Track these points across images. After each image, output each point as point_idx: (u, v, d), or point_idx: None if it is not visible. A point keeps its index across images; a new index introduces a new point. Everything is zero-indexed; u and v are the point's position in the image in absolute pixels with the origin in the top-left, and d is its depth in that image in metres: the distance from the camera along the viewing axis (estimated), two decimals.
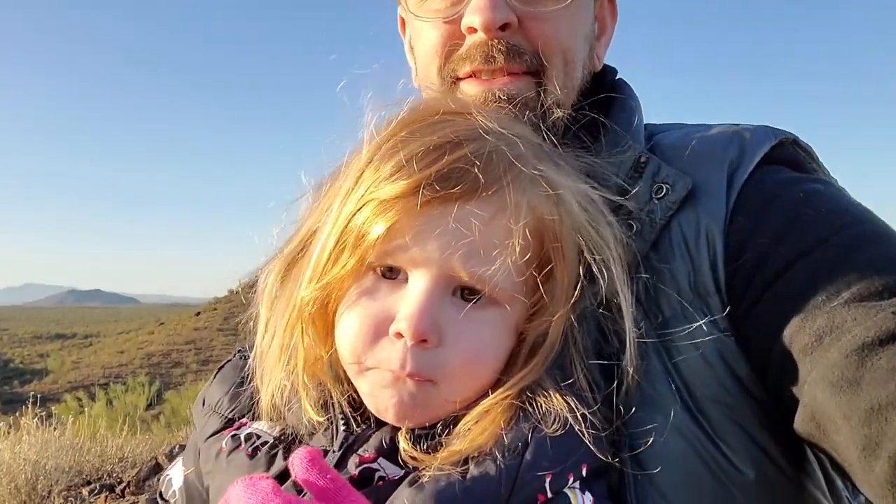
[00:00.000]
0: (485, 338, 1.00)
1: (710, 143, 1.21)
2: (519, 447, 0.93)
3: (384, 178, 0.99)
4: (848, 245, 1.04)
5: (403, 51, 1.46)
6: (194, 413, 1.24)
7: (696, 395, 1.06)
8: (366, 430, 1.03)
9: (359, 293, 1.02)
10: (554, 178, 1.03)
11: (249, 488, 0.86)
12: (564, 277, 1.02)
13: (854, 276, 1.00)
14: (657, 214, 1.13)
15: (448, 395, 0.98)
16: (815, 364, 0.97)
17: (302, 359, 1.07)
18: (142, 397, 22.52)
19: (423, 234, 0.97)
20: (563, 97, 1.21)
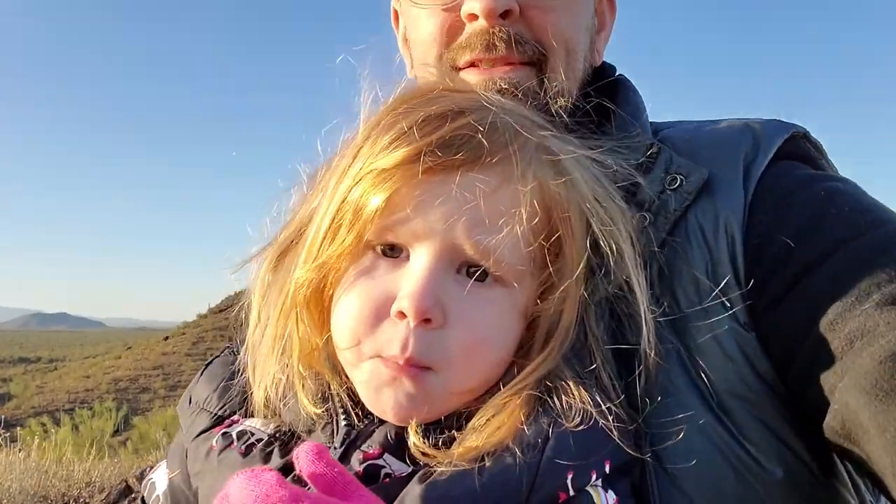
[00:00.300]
0: (491, 318, 0.94)
1: (722, 136, 1.18)
2: (539, 442, 0.87)
3: (382, 148, 0.94)
4: (874, 246, 1.00)
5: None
6: (180, 412, 1.16)
7: (717, 389, 1.01)
8: (368, 425, 0.96)
9: (357, 273, 0.96)
10: (560, 150, 0.99)
11: (252, 480, 0.79)
12: (574, 253, 0.97)
13: (884, 278, 0.96)
14: (671, 205, 1.09)
15: (449, 384, 0.92)
16: (846, 369, 0.93)
17: (297, 349, 1.01)
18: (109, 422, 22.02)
19: (425, 203, 0.91)
20: (565, 87, 1.17)
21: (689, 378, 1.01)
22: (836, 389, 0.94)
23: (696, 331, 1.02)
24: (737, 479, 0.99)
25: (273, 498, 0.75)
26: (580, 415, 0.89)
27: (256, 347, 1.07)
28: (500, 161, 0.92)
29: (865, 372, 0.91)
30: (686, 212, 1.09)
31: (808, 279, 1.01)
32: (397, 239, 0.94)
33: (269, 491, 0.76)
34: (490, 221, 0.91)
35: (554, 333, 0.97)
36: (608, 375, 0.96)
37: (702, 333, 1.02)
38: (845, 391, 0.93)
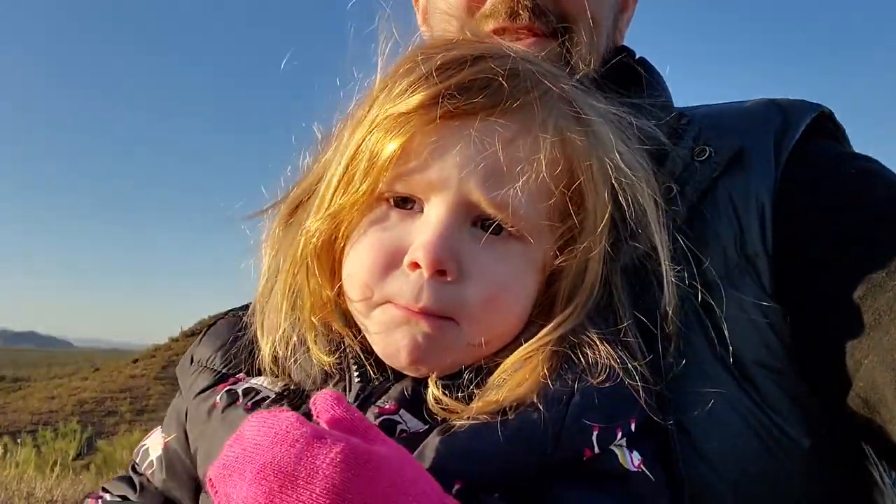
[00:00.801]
0: (508, 272, 0.91)
1: (751, 112, 1.18)
2: (564, 397, 0.84)
3: (399, 93, 0.91)
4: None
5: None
6: (179, 373, 1.11)
7: (742, 359, 0.99)
8: (383, 382, 0.93)
9: (369, 224, 0.93)
10: (583, 101, 0.97)
11: (269, 419, 0.74)
12: (595, 206, 0.93)
13: None
14: (700, 175, 1.08)
15: (469, 337, 0.89)
16: (872, 345, 0.92)
17: (308, 302, 0.97)
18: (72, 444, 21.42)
19: (442, 149, 0.88)
20: (588, 57, 1.16)
21: (713, 348, 0.99)
22: (862, 365, 0.93)
23: (723, 300, 1.01)
24: (763, 450, 0.97)
25: (294, 434, 0.71)
26: (606, 372, 0.86)
27: (265, 305, 1.03)
28: (521, 107, 0.90)
29: (891, 348, 0.90)
30: (715, 182, 1.08)
31: (838, 254, 1.00)
32: (411, 189, 0.91)
33: (290, 427, 0.72)
34: (508, 170, 0.88)
35: (578, 290, 0.94)
36: (634, 336, 0.93)
37: (728, 303, 1.00)
38: (871, 367, 0.92)
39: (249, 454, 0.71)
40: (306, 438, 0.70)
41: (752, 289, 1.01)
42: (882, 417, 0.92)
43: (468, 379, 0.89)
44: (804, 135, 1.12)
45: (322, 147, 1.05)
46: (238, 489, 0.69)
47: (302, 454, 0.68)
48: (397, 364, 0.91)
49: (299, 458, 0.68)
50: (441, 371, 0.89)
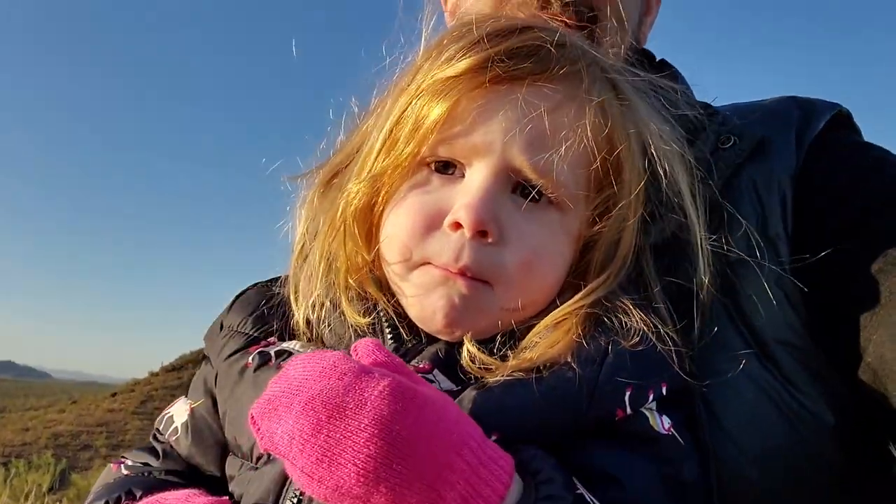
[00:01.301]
0: (545, 239, 0.93)
1: (772, 108, 1.23)
2: (597, 357, 0.86)
3: (447, 59, 0.94)
4: None
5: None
6: (207, 341, 1.12)
7: (764, 338, 1.01)
8: (416, 344, 0.94)
9: (410, 187, 0.95)
10: (623, 75, 1.00)
11: (315, 357, 0.75)
12: (632, 177, 0.96)
13: None
14: (725, 161, 1.11)
15: (503, 301, 0.90)
16: (881, 322, 0.95)
17: (344, 266, 0.99)
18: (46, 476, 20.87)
19: (488, 113, 0.90)
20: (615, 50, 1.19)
21: (735, 324, 1.02)
22: (871, 342, 0.96)
23: (745, 279, 1.03)
24: (786, 425, 0.98)
25: (342, 367, 0.72)
26: (638, 335, 0.88)
27: (299, 269, 1.05)
28: (567, 75, 0.93)
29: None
30: (739, 169, 1.11)
31: (852, 232, 1.04)
32: (455, 154, 0.93)
33: (337, 362, 0.73)
34: (552, 135, 0.90)
35: (611, 260, 0.97)
36: (665, 306, 0.95)
37: (750, 282, 1.03)
38: (880, 342, 0.94)
39: (296, 387, 0.72)
40: (354, 371, 0.71)
41: (773, 269, 1.04)
42: (890, 392, 0.94)
43: (502, 341, 0.90)
44: (824, 128, 1.17)
45: (361, 119, 1.08)
46: (283, 422, 0.70)
47: (350, 386, 0.69)
48: (432, 327, 0.92)
49: (347, 390, 0.69)
50: (475, 334, 0.91)
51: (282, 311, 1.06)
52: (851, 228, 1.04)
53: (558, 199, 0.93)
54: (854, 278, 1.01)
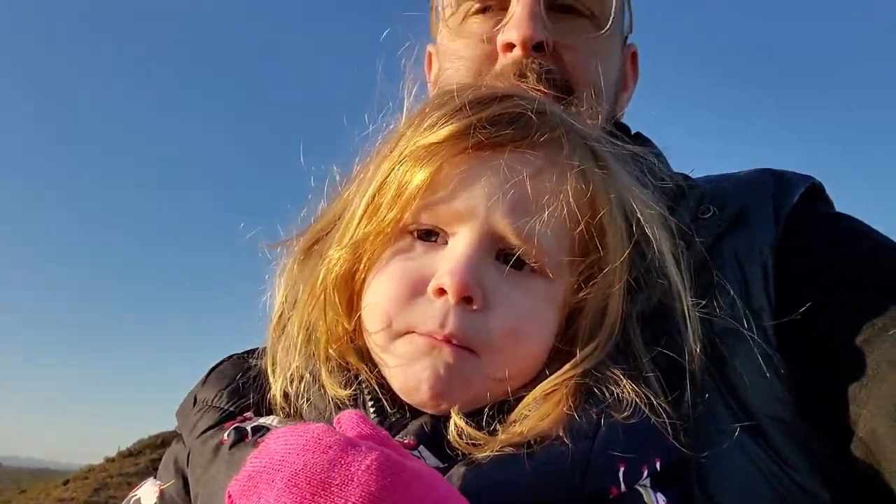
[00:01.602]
0: (530, 306, 0.91)
1: (748, 179, 1.24)
2: (590, 431, 0.83)
3: (430, 126, 0.94)
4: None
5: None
6: (179, 416, 1.07)
7: (753, 411, 0.99)
8: (400, 418, 0.90)
9: (393, 254, 0.93)
10: (602, 142, 1.01)
11: (297, 430, 0.71)
12: (616, 243, 0.95)
13: None
14: (705, 232, 1.11)
15: (490, 371, 0.88)
16: (870, 395, 0.94)
17: (324, 336, 0.96)
18: None
19: (470, 179, 0.90)
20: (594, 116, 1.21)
21: (724, 399, 1.00)
22: (861, 416, 0.94)
23: (731, 351, 1.02)
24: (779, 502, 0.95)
25: (327, 441, 0.68)
26: (631, 407, 0.85)
27: (277, 341, 1.02)
28: (548, 142, 0.93)
29: (888, 396, 0.92)
30: (720, 238, 1.11)
31: (836, 306, 1.03)
32: (438, 220, 0.92)
33: (322, 435, 0.69)
34: (535, 201, 0.90)
35: (599, 328, 0.95)
36: (655, 376, 0.94)
37: (737, 353, 1.02)
38: (870, 418, 0.93)
39: (277, 462, 0.68)
40: (340, 445, 0.68)
41: (759, 341, 1.02)
42: (883, 468, 0.92)
43: (490, 414, 0.87)
44: (799, 199, 1.18)
45: (342, 186, 1.07)
46: (264, 500, 0.66)
47: (336, 461, 0.66)
48: (417, 399, 0.89)
49: (333, 465, 0.66)
50: (462, 407, 0.87)
51: (259, 385, 1.02)
52: (833, 300, 1.04)
53: (542, 266, 0.91)
54: (840, 351, 1.00)
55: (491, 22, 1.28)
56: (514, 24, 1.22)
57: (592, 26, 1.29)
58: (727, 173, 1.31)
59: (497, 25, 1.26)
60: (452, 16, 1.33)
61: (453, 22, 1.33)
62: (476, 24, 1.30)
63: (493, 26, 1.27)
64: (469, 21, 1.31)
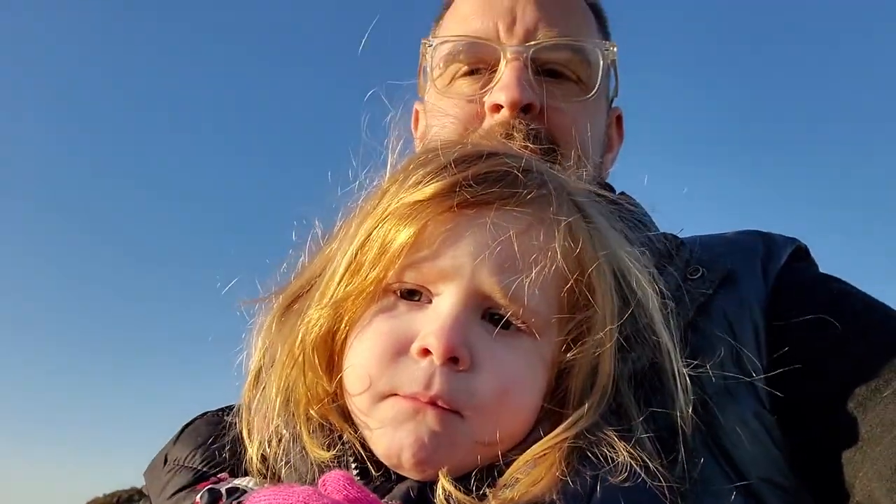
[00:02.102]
0: (519, 367, 0.88)
1: (736, 240, 1.24)
2: (584, 496, 0.79)
3: (414, 183, 0.92)
4: (891, 336, 1.04)
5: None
6: (148, 477, 1.02)
7: (748, 475, 0.97)
8: (385, 482, 0.86)
9: (375, 313, 0.90)
10: (589, 202, 1.00)
11: (281, 492, 0.68)
12: (605, 301, 0.93)
13: None
14: (694, 293, 1.10)
15: (477, 434, 0.84)
16: (866, 458, 0.93)
17: (304, 397, 0.92)
18: None
19: (456, 237, 0.88)
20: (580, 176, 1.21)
21: (716, 460, 0.97)
22: (857, 479, 0.93)
23: (723, 412, 1.00)
24: None
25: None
26: (626, 470, 0.82)
27: (254, 403, 0.97)
28: (535, 199, 0.92)
29: (885, 459, 0.91)
30: (709, 300, 1.10)
31: (827, 369, 1.03)
32: (422, 279, 0.89)
33: (308, 498, 0.66)
34: (522, 259, 0.88)
35: (590, 389, 0.92)
36: (649, 437, 0.91)
37: (729, 414, 1.00)
38: (867, 481, 0.92)
39: None
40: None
41: (752, 404, 1.01)
42: None
43: (479, 478, 0.83)
44: (786, 261, 1.19)
45: (324, 242, 1.05)
46: None
47: None
48: (400, 465, 0.85)
49: None
50: (449, 471, 0.83)
51: (234, 444, 0.98)
52: (826, 362, 1.04)
53: (530, 325, 0.89)
54: (833, 413, 0.99)
55: (479, 83, 1.30)
56: (502, 86, 1.24)
57: (579, 90, 1.31)
58: (715, 234, 1.31)
59: (485, 87, 1.28)
60: (440, 76, 1.35)
61: (441, 82, 1.35)
62: (464, 85, 1.32)
63: (480, 87, 1.29)
64: (457, 82, 1.33)
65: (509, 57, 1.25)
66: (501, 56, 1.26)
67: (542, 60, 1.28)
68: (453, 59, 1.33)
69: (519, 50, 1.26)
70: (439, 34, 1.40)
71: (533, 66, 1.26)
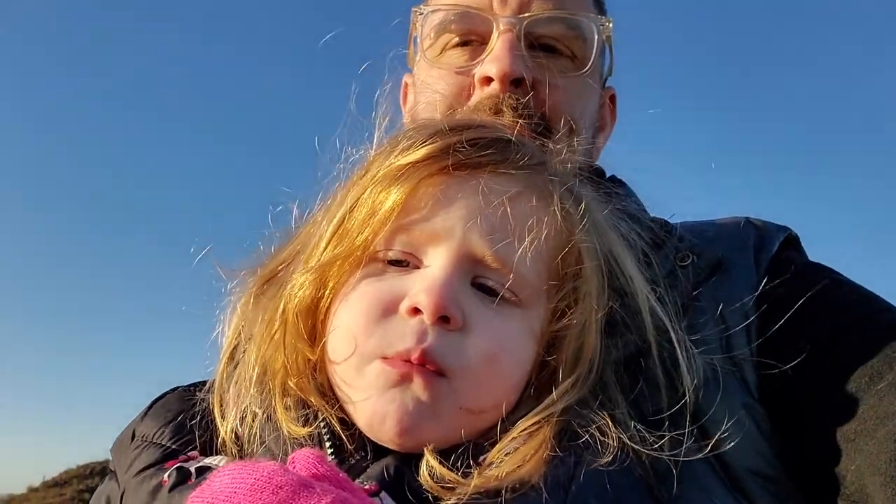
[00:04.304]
0: (509, 333, 0.87)
1: (728, 228, 1.22)
2: (566, 481, 0.78)
3: (405, 148, 0.91)
4: (884, 328, 1.02)
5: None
6: (115, 453, 0.98)
7: (734, 467, 0.95)
8: (360, 460, 0.84)
9: (362, 276, 0.88)
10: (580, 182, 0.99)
11: (246, 468, 0.66)
12: (593, 275, 0.92)
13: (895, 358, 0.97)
14: (684, 281, 1.08)
15: (462, 399, 0.83)
16: (858, 451, 0.91)
17: (283, 369, 0.90)
18: None
19: (448, 199, 0.87)
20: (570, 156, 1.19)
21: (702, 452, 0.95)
22: (850, 472, 0.91)
23: (710, 402, 0.97)
24: None
25: (278, 481, 0.63)
26: (612, 453, 0.81)
27: (227, 379, 0.95)
28: (528, 166, 0.91)
29: (879, 452, 0.89)
30: (699, 287, 1.08)
31: (819, 359, 1.01)
32: (411, 243, 0.88)
33: (273, 474, 0.64)
34: (515, 225, 0.87)
35: (577, 363, 0.90)
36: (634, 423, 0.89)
37: (715, 405, 0.97)
38: (859, 473, 0.90)
39: (222, 503, 0.63)
40: (292, 486, 0.63)
41: (741, 393, 1.00)
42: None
43: (464, 454, 0.81)
44: (778, 250, 1.17)
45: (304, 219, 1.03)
46: None
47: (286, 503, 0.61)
48: (382, 434, 0.83)
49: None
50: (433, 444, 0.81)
51: (206, 422, 0.94)
52: (818, 352, 1.01)
53: (519, 293, 0.88)
54: (825, 405, 0.97)
55: (469, 55, 1.27)
56: (493, 58, 1.21)
57: (572, 66, 1.28)
58: (706, 220, 1.29)
59: (476, 59, 1.25)
60: (431, 47, 1.32)
61: (431, 53, 1.31)
62: (455, 56, 1.28)
63: (470, 59, 1.26)
64: (448, 53, 1.30)
65: (502, 28, 1.22)
66: (494, 27, 1.23)
67: (536, 34, 1.25)
68: (444, 28, 1.29)
69: (512, 21, 1.22)
70: (431, 2, 1.36)
71: (526, 40, 1.23)
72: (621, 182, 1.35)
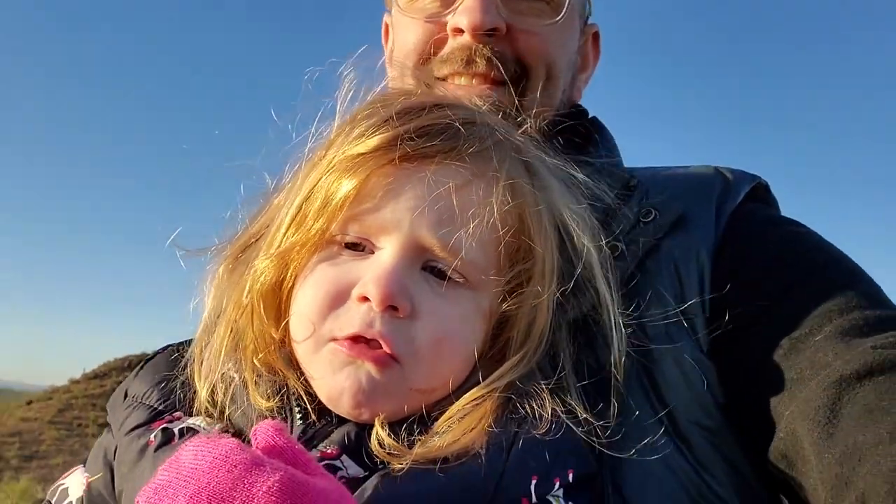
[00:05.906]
0: (456, 317, 0.93)
1: (694, 178, 1.24)
2: (505, 446, 0.85)
3: (358, 135, 0.94)
4: (830, 282, 1.06)
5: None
6: (110, 409, 1.07)
7: (678, 418, 1.02)
8: (325, 425, 0.92)
9: (319, 261, 0.94)
10: (534, 154, 1.01)
11: (208, 444, 0.74)
12: (544, 255, 0.97)
13: (835, 312, 1.01)
14: (645, 236, 1.12)
15: (412, 380, 0.90)
16: (793, 398, 0.97)
17: (251, 345, 0.97)
18: None
19: (396, 190, 0.91)
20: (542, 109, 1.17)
21: (650, 404, 1.02)
22: (783, 418, 0.97)
23: (660, 356, 1.04)
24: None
25: (233, 460, 0.72)
26: (548, 422, 0.88)
27: (206, 346, 1.02)
28: (476, 153, 0.93)
29: (809, 399, 0.94)
30: (659, 243, 1.12)
31: (767, 313, 1.06)
32: (364, 231, 0.92)
33: (229, 453, 0.72)
34: (460, 213, 0.91)
35: (527, 340, 0.96)
36: (577, 390, 0.96)
37: (665, 359, 1.04)
38: (791, 419, 0.96)
39: (185, 478, 0.72)
40: (245, 464, 0.71)
41: (690, 347, 1.04)
42: (798, 470, 0.95)
43: (410, 426, 0.89)
44: (743, 200, 1.19)
45: (273, 193, 1.06)
46: None
47: (239, 480, 0.69)
48: (340, 408, 0.91)
49: (235, 485, 0.69)
50: (386, 417, 0.89)
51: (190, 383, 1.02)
52: (766, 306, 1.06)
53: (468, 276, 0.93)
54: (768, 357, 1.02)
55: (441, 1, 1.24)
56: (465, 8, 1.19)
57: (550, 10, 1.26)
58: (675, 167, 1.31)
59: (448, 7, 1.23)
60: None
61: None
62: (427, 2, 1.26)
63: (443, 6, 1.24)
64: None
65: None
66: None
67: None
68: None
69: None
70: None
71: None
72: (601, 126, 1.36)
